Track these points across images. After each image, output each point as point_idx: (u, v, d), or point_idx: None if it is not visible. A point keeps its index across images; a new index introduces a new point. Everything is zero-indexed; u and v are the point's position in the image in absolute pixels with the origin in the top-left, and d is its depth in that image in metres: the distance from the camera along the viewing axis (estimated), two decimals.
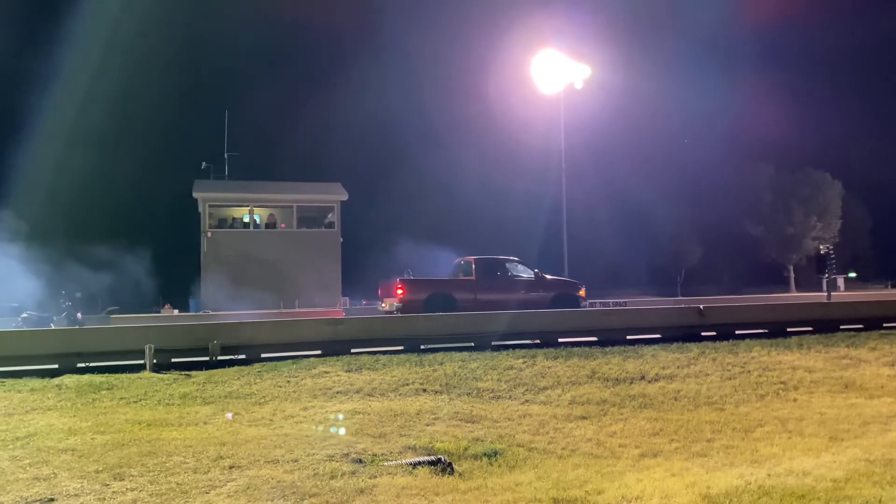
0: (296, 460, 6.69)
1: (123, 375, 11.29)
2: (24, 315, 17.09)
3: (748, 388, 11.27)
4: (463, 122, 58.97)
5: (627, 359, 12.71)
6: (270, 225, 31.78)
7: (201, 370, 11.82)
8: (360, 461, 6.83)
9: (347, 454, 7.01)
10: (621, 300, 25.35)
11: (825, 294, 25.98)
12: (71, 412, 9.27)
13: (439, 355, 12.65)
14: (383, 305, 18.49)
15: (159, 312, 28.82)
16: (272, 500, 5.56)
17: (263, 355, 12.56)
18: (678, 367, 12.35)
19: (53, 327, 16.13)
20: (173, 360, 12.22)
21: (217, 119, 37.43)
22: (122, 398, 10.10)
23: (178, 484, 5.93)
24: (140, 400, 10.05)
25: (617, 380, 11.60)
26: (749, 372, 12.16)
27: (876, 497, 5.47)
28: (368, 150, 57.26)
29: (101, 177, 42.29)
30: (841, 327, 16.24)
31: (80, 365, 11.85)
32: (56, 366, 11.72)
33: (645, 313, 17.75)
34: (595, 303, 20.85)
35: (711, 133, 63.30)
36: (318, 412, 9.35)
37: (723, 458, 7.58)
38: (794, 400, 10.73)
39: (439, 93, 60.18)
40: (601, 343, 14.08)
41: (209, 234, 29.95)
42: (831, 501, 5.40)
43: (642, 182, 58.63)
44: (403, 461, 6.87)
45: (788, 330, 15.71)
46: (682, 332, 14.94)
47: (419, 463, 6.77)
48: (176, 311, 28.32)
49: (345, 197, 31.80)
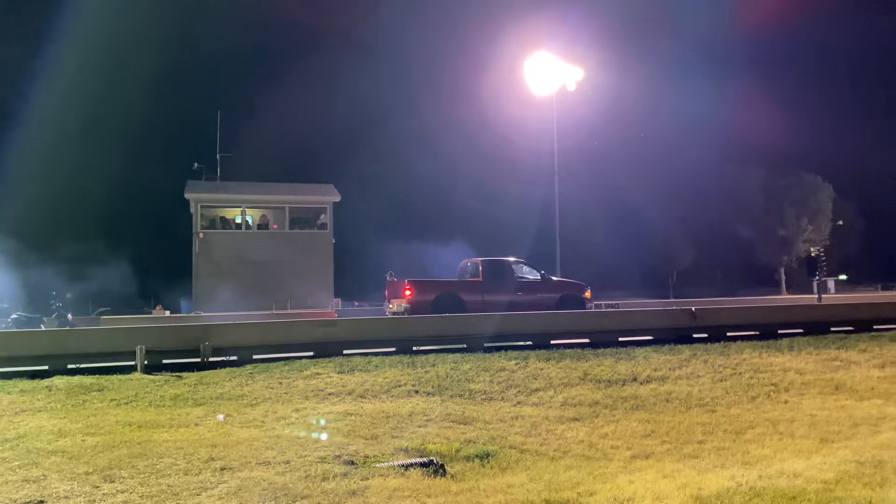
0: (287, 462, 6.67)
1: (114, 377, 11.24)
2: (14, 316, 17.01)
3: (739, 390, 11.29)
4: (456, 124, 59.03)
5: (619, 360, 12.73)
6: (263, 226, 31.74)
7: (193, 371, 11.78)
8: (352, 463, 6.81)
9: (339, 456, 6.99)
10: (613, 302, 25.39)
11: (816, 296, 26.13)
12: (61, 414, 9.22)
13: (431, 357, 12.65)
14: (391, 306, 18.49)
15: (151, 313, 28.72)
16: (263, 502, 5.54)
17: (255, 357, 12.53)
18: (670, 368, 12.37)
19: (44, 328, 16.05)
20: (164, 361, 12.18)
21: (210, 120, 37.34)
22: (112, 400, 10.05)
23: (168, 486, 5.90)
24: (131, 401, 10.00)
25: (609, 381, 11.61)
26: (740, 374, 12.19)
27: (866, 498, 5.49)
28: (362, 152, 57.22)
29: (92, 177, 42.14)
30: (831, 329, 16.33)
31: (70, 366, 11.80)
32: (46, 367, 11.67)
33: (636, 315, 17.80)
34: (601, 304, 20.88)
35: (704, 136, 63.54)
36: (310, 414, 9.32)
37: (714, 460, 7.59)
38: (785, 402, 10.75)
39: (433, 94, 60.27)
40: (593, 345, 14.11)
41: (201, 235, 29.88)
42: (822, 503, 5.42)
43: (635, 184, 58.84)
44: (395, 463, 6.86)
45: (779, 332, 15.79)
46: (674, 334, 14.99)
47: (411, 465, 6.76)
48: (167, 313, 28.23)
49: (337, 198, 31.78)
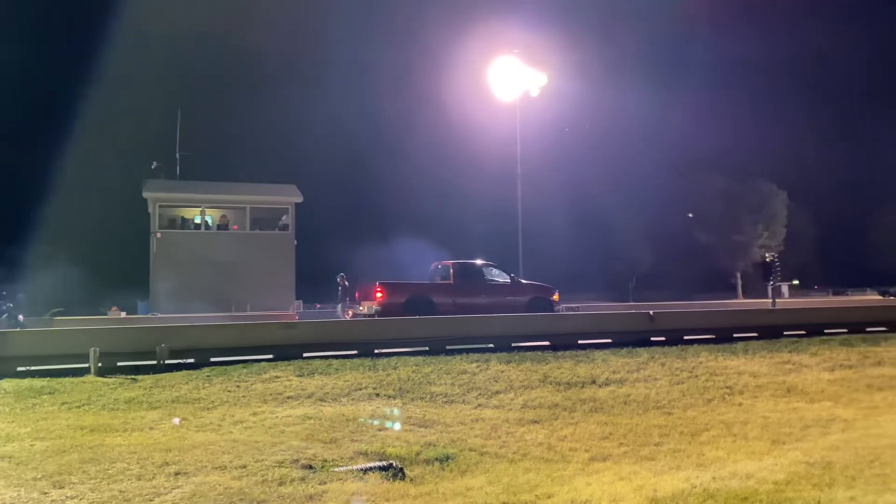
0: (244, 466, 6.59)
1: (66, 379, 10.95)
2: None
3: (695, 393, 11.50)
4: (421, 127, 59.03)
5: (579, 363, 12.85)
6: (223, 226, 31.24)
7: (149, 374, 11.53)
8: (311, 467, 6.76)
9: (297, 460, 6.93)
10: (574, 305, 25.60)
11: (770, 301, 26.74)
12: (9, 417, 8.95)
13: (393, 359, 12.61)
14: (362, 308, 18.39)
15: (106, 315, 28.07)
16: None
17: (213, 359, 12.32)
18: (628, 371, 12.54)
19: None
20: (119, 363, 11.89)
21: (170, 118, 36.70)
22: (64, 403, 9.79)
23: (120, 491, 5.78)
24: (83, 405, 9.76)
25: (568, 384, 11.71)
26: (697, 377, 12.42)
27: (815, 499, 5.63)
28: (325, 154, 56.81)
29: (47, 175, 41.10)
30: (785, 333, 16.68)
31: (20, 369, 11.45)
32: None
33: (596, 318, 17.98)
34: (562, 308, 21.00)
35: (665, 142, 64.64)
36: (269, 417, 9.21)
37: (670, 462, 7.71)
38: (740, 404, 10.98)
39: (397, 97, 60.17)
40: (554, 348, 14.21)
41: (159, 235, 29.30)
42: (772, 503, 5.54)
43: (597, 189, 59.59)
44: (354, 467, 6.82)
45: (735, 335, 16.08)
46: (633, 338, 15.16)
47: (370, 468, 6.73)
48: (123, 314, 27.62)
49: (300, 199, 31.46)
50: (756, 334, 16.32)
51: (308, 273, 31.12)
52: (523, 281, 20.31)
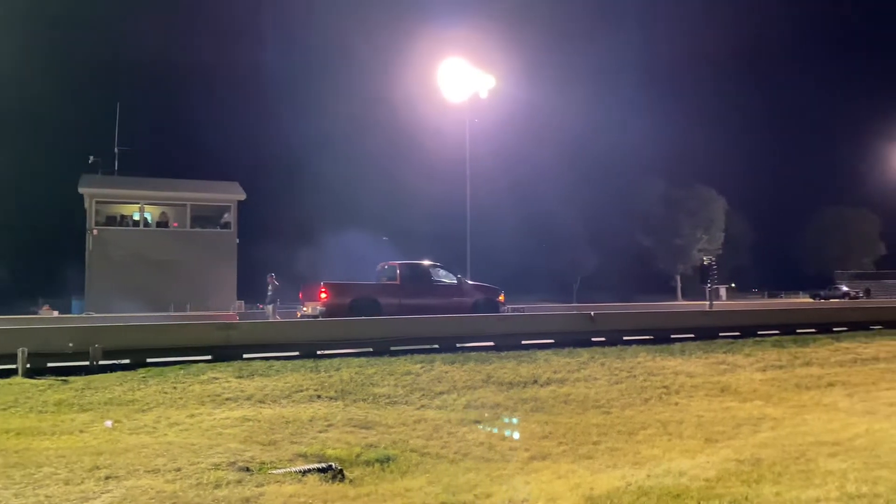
0: (179, 469, 6.42)
1: None
2: None
3: (633, 393, 11.74)
4: (369, 127, 58.77)
5: (522, 363, 12.97)
6: (162, 224, 30.50)
7: (81, 375, 11.16)
8: (248, 469, 6.63)
9: (234, 462, 6.80)
10: (519, 306, 25.88)
11: (707, 303, 27.51)
12: None
13: (336, 361, 12.50)
14: (305, 309, 18.10)
15: (38, 313, 27.10)
16: None
17: (149, 360, 11.99)
18: (569, 371, 12.72)
19: None
20: (50, 364, 11.46)
21: (108, 112, 35.62)
22: None
23: (46, 497, 5.56)
24: (9, 407, 9.37)
25: (511, 384, 11.82)
26: (635, 376, 12.68)
27: (743, 495, 5.80)
28: (270, 152, 56.06)
29: None
30: (720, 334, 17.18)
31: None
32: None
33: (540, 319, 18.20)
34: (507, 308, 21.16)
35: (610, 146, 65.89)
36: (206, 419, 9.02)
37: (607, 460, 7.85)
38: (676, 403, 11.26)
39: (346, 97, 59.76)
40: (498, 348, 14.31)
41: (95, 232, 28.42)
42: (703, 500, 5.69)
43: (543, 193, 60.34)
44: (293, 469, 6.73)
45: (672, 336, 16.47)
46: (575, 338, 15.38)
47: (309, 470, 6.65)
48: (56, 313, 26.74)
49: (242, 196, 30.93)
50: (693, 335, 16.76)
51: (251, 273, 30.58)
52: (470, 282, 20.42)
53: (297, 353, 13.05)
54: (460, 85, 37.53)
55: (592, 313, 16.93)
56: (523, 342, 14.94)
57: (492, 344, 14.71)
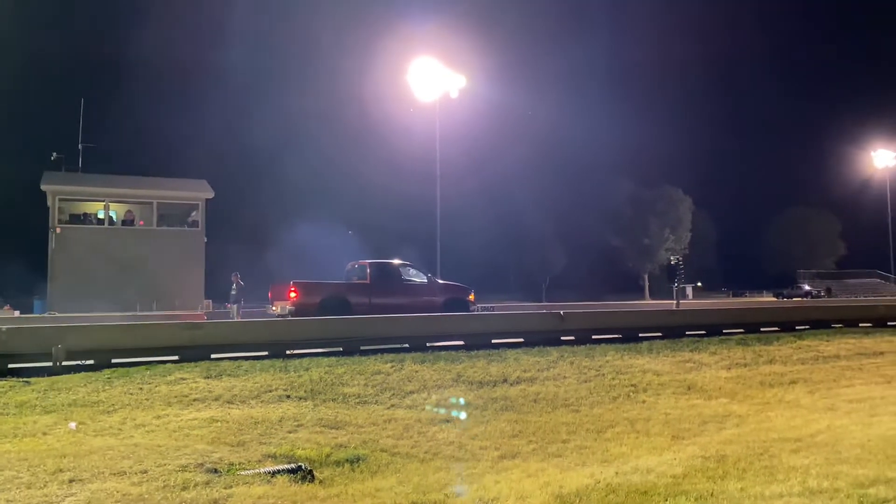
0: (145, 472, 6.33)
1: None
2: None
3: (602, 391, 11.85)
4: (339, 126, 58.46)
5: (491, 362, 13.02)
6: (128, 222, 29.97)
7: (43, 377, 10.93)
8: (216, 471, 6.56)
9: (202, 464, 6.71)
10: (489, 305, 25.97)
11: (674, 302, 27.90)
12: None
13: (305, 360, 12.42)
14: (274, 308, 17.92)
15: None
16: None
17: (114, 361, 11.79)
18: (539, 370, 12.80)
19: None
20: (11, 366, 11.22)
21: (72, 108, 34.91)
22: None
23: (7, 501, 5.44)
24: None
25: (481, 383, 11.85)
26: (603, 375, 12.80)
27: (709, 490, 5.91)
28: (239, 150, 55.46)
29: None
30: (687, 333, 17.40)
31: None
32: None
33: (510, 318, 18.28)
34: (478, 307, 21.22)
35: (579, 146, 66.43)
36: (173, 420, 8.90)
37: (576, 459, 7.92)
38: (643, 402, 11.39)
39: (316, 96, 59.35)
40: (468, 347, 14.34)
41: (58, 230, 27.82)
42: (670, 496, 5.78)
43: (513, 193, 60.62)
44: (262, 470, 6.67)
45: (640, 335, 16.67)
46: (544, 337, 15.47)
47: (278, 471, 6.60)
48: (17, 313, 26.16)
49: (210, 195, 30.52)
50: (660, 334, 16.97)
51: (219, 272, 30.23)
52: (440, 281, 20.44)
53: (266, 353, 12.94)
54: (431, 84, 37.54)
55: (562, 312, 17.05)
56: (493, 341, 14.99)
57: (462, 343, 14.74)
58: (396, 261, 20.03)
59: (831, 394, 12.23)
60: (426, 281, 19.18)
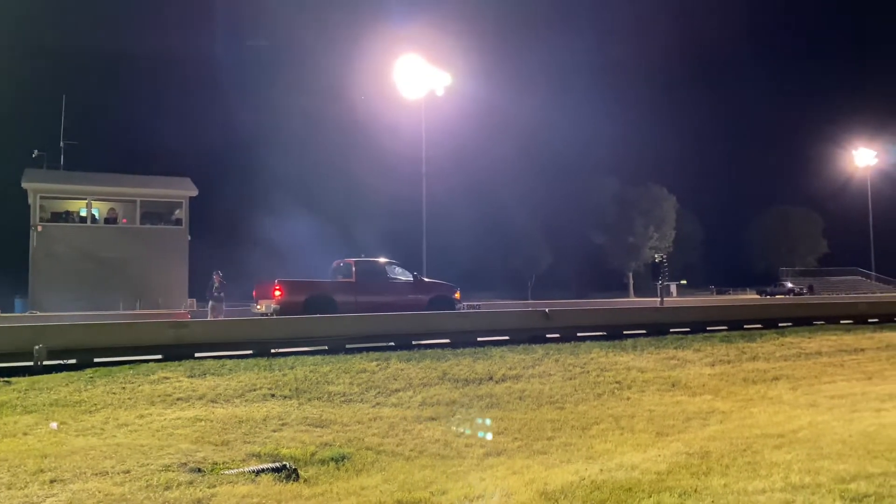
0: (127, 471, 6.27)
1: None
2: None
3: (587, 388, 11.90)
4: (325, 124, 58.21)
5: (477, 360, 13.03)
6: (110, 220, 29.71)
7: (24, 376, 10.81)
8: (200, 470, 6.52)
9: (185, 463, 6.67)
10: (475, 303, 26.00)
11: (659, 299, 28.06)
12: None
13: (290, 359, 12.36)
14: (259, 307, 17.80)
15: None
16: None
17: (97, 360, 11.68)
18: (524, 367, 12.82)
19: None
20: None
21: (54, 105, 34.52)
22: None
23: None
24: None
25: (466, 381, 11.86)
26: (588, 372, 12.85)
27: (692, 487, 5.94)
28: (224, 148, 55.12)
29: None
30: (671, 330, 17.52)
31: None
32: None
33: (495, 316, 18.30)
34: (464, 306, 21.22)
35: (565, 145, 66.57)
36: (156, 420, 8.83)
37: (561, 456, 7.95)
38: (628, 398, 11.45)
39: (300, 92, 59.08)
40: (453, 345, 14.33)
41: (40, 228, 27.53)
42: (654, 493, 5.80)
43: (499, 191, 60.65)
44: (246, 469, 6.63)
45: (625, 332, 16.73)
46: (530, 335, 15.51)
47: (262, 470, 6.57)
48: None
49: (194, 192, 30.32)
50: (645, 331, 17.06)
51: (203, 270, 30.05)
52: (426, 279, 20.41)
53: (250, 352, 12.86)
54: (416, 82, 37.49)
55: (547, 310, 17.10)
56: (479, 339, 15.01)
57: (448, 341, 14.73)
58: (382, 259, 19.99)
59: (813, 390, 12.35)
60: (412, 279, 19.16)
